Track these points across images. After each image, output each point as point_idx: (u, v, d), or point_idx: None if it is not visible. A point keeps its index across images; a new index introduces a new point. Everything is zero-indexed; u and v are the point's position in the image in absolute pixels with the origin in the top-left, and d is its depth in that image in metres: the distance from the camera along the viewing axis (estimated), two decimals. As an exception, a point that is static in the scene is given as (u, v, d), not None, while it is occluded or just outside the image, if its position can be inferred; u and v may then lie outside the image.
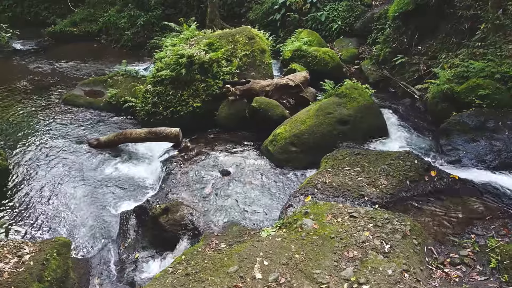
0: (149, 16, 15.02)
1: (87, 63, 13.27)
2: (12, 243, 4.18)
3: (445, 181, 5.22)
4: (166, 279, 3.64)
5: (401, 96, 8.96)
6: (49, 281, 3.89)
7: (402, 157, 5.53)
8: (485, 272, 3.65)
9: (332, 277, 3.39)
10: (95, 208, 5.99)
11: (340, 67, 10.14)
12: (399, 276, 3.38)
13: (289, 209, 4.80)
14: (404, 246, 3.74)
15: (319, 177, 5.32)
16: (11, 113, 9.02)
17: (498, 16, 7.12)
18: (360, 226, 3.96)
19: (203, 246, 4.29)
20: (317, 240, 3.81)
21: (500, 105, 6.37)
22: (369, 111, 6.82)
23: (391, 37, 10.04)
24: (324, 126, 6.52)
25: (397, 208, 4.69)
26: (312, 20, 12.80)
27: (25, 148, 7.51)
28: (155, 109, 7.83)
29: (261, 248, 3.78)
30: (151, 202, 5.41)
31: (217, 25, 12.91)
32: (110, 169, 6.91)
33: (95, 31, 16.20)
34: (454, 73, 7.10)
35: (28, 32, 15.93)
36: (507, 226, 4.31)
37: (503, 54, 6.95)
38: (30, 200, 6.11)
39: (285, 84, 8.14)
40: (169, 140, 7.13)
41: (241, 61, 8.28)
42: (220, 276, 3.49)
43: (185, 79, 7.69)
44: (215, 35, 8.83)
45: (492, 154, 5.86)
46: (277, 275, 3.42)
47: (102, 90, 10.01)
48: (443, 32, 8.95)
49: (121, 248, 5.20)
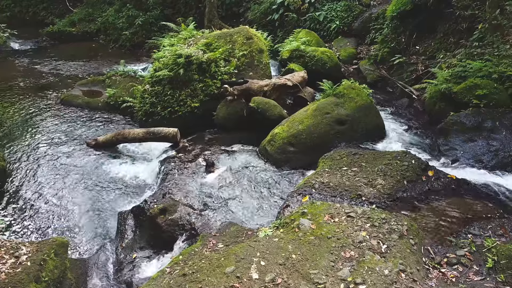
0: (148, 16, 15.02)
1: (85, 63, 13.26)
2: (9, 244, 4.18)
3: (442, 181, 5.23)
4: (163, 280, 3.64)
5: (399, 96, 8.98)
6: (46, 281, 3.89)
7: (399, 157, 5.54)
8: (481, 272, 3.65)
9: (329, 277, 3.39)
10: (93, 208, 5.99)
11: (338, 67, 10.14)
12: (396, 276, 3.38)
13: (286, 209, 4.81)
14: (401, 246, 3.74)
15: (316, 177, 5.33)
16: (9, 113, 9.01)
17: (495, 16, 7.14)
18: (357, 226, 3.96)
19: (201, 246, 4.29)
20: (314, 240, 3.81)
21: (498, 105, 6.39)
22: (367, 111, 6.82)
23: (389, 37, 10.06)
24: (322, 126, 6.53)
25: (394, 208, 4.70)
26: (310, 20, 12.81)
27: (23, 148, 7.50)
28: (153, 109, 7.82)
29: (258, 248, 3.78)
30: (149, 202, 5.40)
31: (215, 25, 12.89)
32: (108, 169, 6.90)
33: (93, 31, 16.18)
34: (452, 73, 7.12)
35: (27, 32, 15.91)
36: (504, 226, 4.32)
37: (501, 54, 6.97)
38: (28, 200, 6.10)
39: (283, 84, 8.14)
40: (167, 140, 7.13)
41: (239, 61, 8.28)
42: (217, 276, 3.49)
43: (183, 79, 7.69)
44: (213, 35, 8.83)
45: (490, 154, 5.87)
46: (274, 275, 3.42)
47: (100, 90, 10.00)
48: (441, 32, 8.97)
49: (119, 249, 5.19)
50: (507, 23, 7.20)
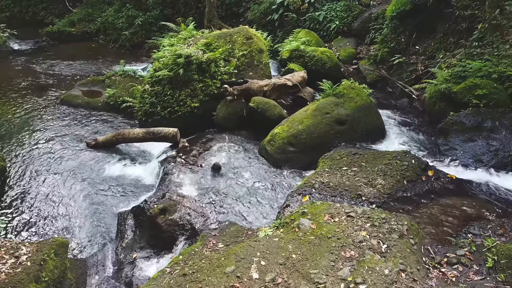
0: (147, 16, 15.01)
1: (85, 63, 13.24)
2: (9, 244, 4.18)
3: (442, 180, 5.24)
4: (164, 279, 3.64)
5: (399, 96, 8.99)
6: (46, 281, 3.89)
7: (399, 157, 5.55)
8: (481, 272, 3.66)
9: (329, 277, 3.39)
10: (93, 208, 5.98)
11: (338, 67, 10.14)
12: (396, 276, 3.39)
13: (286, 209, 4.81)
14: (401, 246, 3.74)
15: (316, 177, 5.33)
16: (9, 113, 9.01)
17: (495, 16, 7.14)
18: (357, 226, 3.97)
19: (201, 246, 4.29)
20: (314, 240, 3.82)
21: (497, 105, 6.39)
22: (367, 111, 6.83)
23: (389, 37, 10.06)
24: (322, 126, 6.53)
25: (394, 208, 4.70)
26: (310, 20, 12.81)
27: (23, 148, 7.50)
28: (153, 109, 7.82)
29: (258, 248, 3.78)
30: (149, 202, 5.40)
31: (215, 25, 12.89)
32: (108, 169, 6.90)
33: (93, 31, 16.17)
34: (452, 73, 7.12)
35: (26, 32, 15.87)
36: (504, 225, 4.32)
37: (500, 54, 6.98)
38: (28, 200, 6.10)
39: (283, 84, 8.14)
40: (167, 140, 7.13)
41: (239, 61, 8.27)
42: (217, 276, 3.49)
43: (183, 79, 7.69)
44: (213, 35, 8.83)
45: (489, 154, 5.88)
46: (274, 275, 3.42)
47: (100, 90, 9.99)
48: (441, 32, 8.98)
49: (119, 249, 5.19)
50: (507, 23, 7.21)
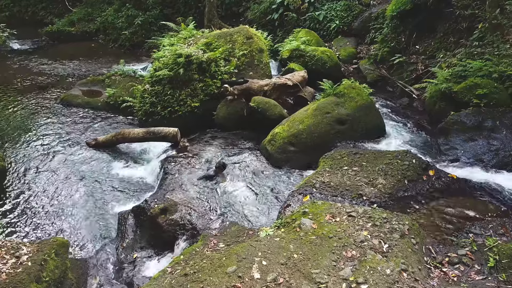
0: (147, 16, 15.00)
1: (85, 63, 13.24)
2: (10, 244, 4.17)
3: (443, 180, 5.23)
4: (165, 279, 3.63)
5: (399, 95, 8.98)
6: (47, 281, 3.88)
7: (400, 156, 5.54)
8: (483, 271, 3.65)
9: (331, 276, 3.39)
10: (93, 208, 5.98)
11: (338, 67, 10.14)
12: (398, 276, 3.38)
13: (287, 209, 4.80)
14: (402, 246, 3.73)
15: (317, 177, 5.32)
16: (8, 113, 8.99)
17: (495, 15, 7.14)
18: (359, 226, 3.96)
19: (202, 246, 4.28)
20: (315, 239, 3.81)
21: (498, 104, 6.39)
22: (367, 110, 6.82)
23: (389, 36, 10.06)
24: (322, 126, 6.53)
25: (395, 208, 4.69)
26: (310, 19, 12.80)
27: (23, 148, 7.49)
28: (153, 109, 7.81)
29: (260, 248, 3.77)
30: (149, 202, 5.40)
31: (215, 25, 12.88)
32: (108, 169, 6.89)
33: (93, 31, 16.15)
34: (452, 73, 7.12)
35: (26, 32, 15.85)
36: (505, 225, 4.32)
37: (501, 53, 6.98)
38: (28, 200, 6.09)
39: (283, 83, 8.13)
40: (167, 140, 7.13)
41: (239, 60, 8.27)
42: (218, 276, 3.48)
43: (183, 78, 7.68)
44: (213, 35, 8.82)
45: (490, 153, 5.88)
46: (275, 275, 3.42)
47: (100, 90, 9.98)
48: (441, 31, 8.98)
49: (120, 248, 5.19)
50: (507, 22, 7.21)
